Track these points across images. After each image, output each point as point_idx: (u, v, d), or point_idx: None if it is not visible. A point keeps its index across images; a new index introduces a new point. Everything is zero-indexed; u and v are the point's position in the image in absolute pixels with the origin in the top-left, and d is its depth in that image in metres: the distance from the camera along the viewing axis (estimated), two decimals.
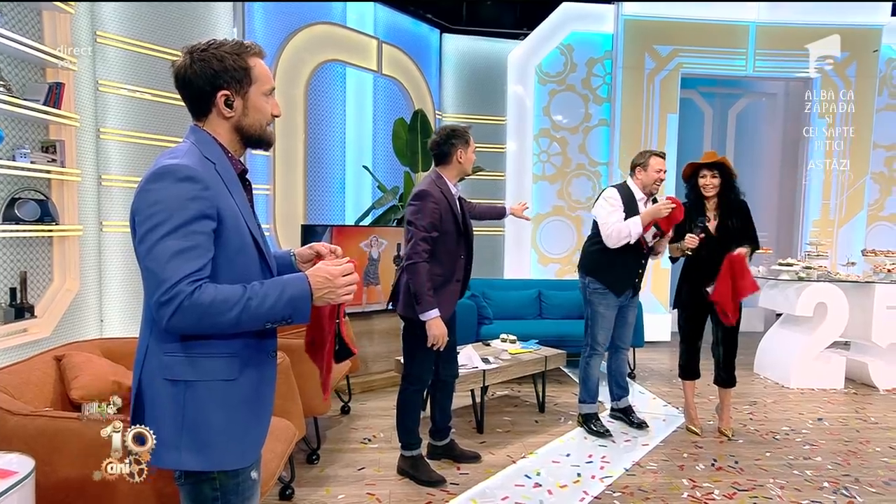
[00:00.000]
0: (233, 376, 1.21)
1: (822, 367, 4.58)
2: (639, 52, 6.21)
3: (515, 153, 6.54)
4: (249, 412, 1.25)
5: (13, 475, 1.32)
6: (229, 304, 1.11)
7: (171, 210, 1.11)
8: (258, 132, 1.28)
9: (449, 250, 2.69)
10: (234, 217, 1.20)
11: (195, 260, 1.11)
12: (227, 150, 1.28)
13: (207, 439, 1.19)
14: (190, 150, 1.22)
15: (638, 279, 3.43)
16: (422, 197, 2.62)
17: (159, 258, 1.10)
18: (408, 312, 2.71)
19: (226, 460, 1.22)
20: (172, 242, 1.10)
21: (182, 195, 1.12)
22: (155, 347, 1.20)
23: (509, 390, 4.37)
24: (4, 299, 3.05)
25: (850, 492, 2.77)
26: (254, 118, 1.27)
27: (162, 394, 1.17)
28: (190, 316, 1.09)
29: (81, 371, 1.92)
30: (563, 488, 2.77)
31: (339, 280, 1.21)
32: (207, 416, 1.18)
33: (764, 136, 7.24)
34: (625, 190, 3.37)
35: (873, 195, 6.57)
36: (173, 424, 1.17)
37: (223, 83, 1.23)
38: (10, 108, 2.89)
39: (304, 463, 2.95)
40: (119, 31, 3.85)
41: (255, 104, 1.26)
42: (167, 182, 1.13)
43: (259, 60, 1.28)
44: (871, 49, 6.22)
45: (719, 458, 3.16)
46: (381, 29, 5.94)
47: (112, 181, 3.86)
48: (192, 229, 1.12)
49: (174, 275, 1.09)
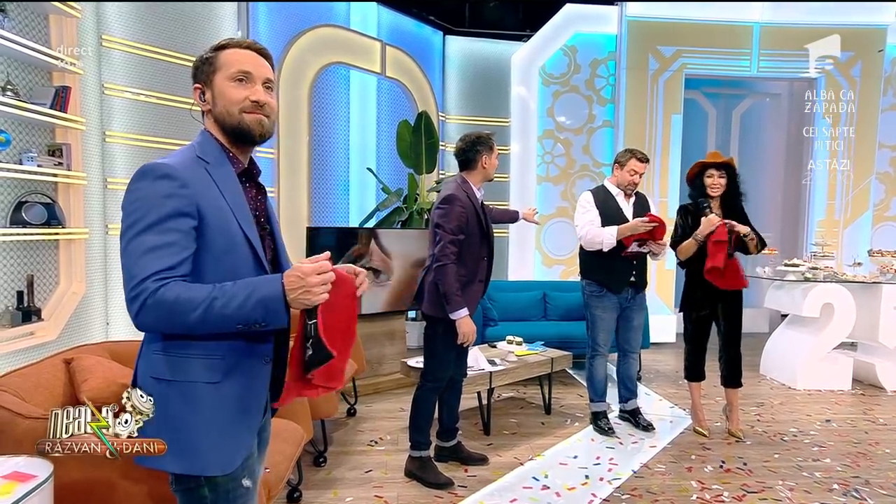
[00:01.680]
0: (215, 379, 1.18)
1: (829, 368, 4.56)
2: (642, 53, 6.20)
3: (519, 155, 6.54)
4: (234, 418, 1.21)
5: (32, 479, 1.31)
6: (194, 304, 1.08)
7: (148, 207, 1.11)
8: (230, 120, 1.24)
9: (473, 252, 2.77)
10: (219, 216, 1.18)
11: (167, 257, 1.10)
12: (227, 150, 1.27)
13: (188, 442, 1.16)
14: (184, 150, 1.23)
15: (635, 277, 3.40)
16: (449, 201, 2.71)
17: (132, 254, 1.10)
18: (433, 311, 2.76)
19: (207, 466, 1.19)
20: (146, 238, 1.10)
21: (158, 192, 1.12)
22: (146, 346, 1.21)
23: (515, 392, 4.36)
24: (11, 302, 3.05)
25: (860, 494, 2.75)
26: (223, 105, 1.24)
27: (149, 392, 1.17)
28: (153, 313, 1.08)
29: (91, 374, 1.92)
30: (572, 490, 2.76)
31: (312, 279, 1.10)
32: (187, 418, 1.16)
33: (768, 137, 7.22)
34: (601, 191, 3.48)
35: (879, 195, 6.54)
36: (156, 423, 1.15)
37: (196, 80, 1.27)
38: (17, 112, 2.90)
39: (311, 465, 2.95)
40: (124, 35, 3.86)
41: (220, 90, 1.24)
42: (146, 181, 1.13)
43: (235, 50, 1.26)
44: (876, 49, 6.20)
45: (727, 459, 3.14)
46: (385, 31, 5.95)
47: (118, 184, 3.87)
48: (168, 226, 1.11)
49: (142, 272, 1.08)
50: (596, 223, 3.36)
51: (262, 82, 1.26)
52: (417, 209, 5.61)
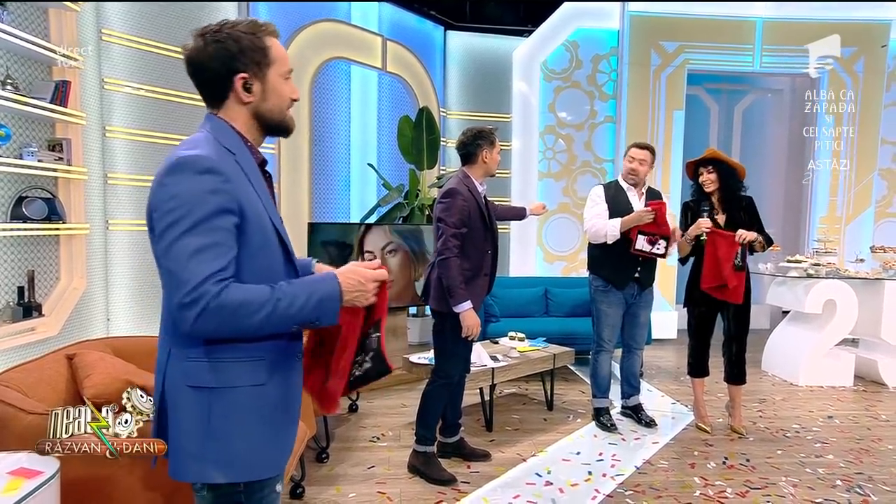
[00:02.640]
0: (261, 381, 1.13)
1: (831, 365, 4.55)
2: (644, 49, 6.18)
3: (521, 150, 6.52)
4: (279, 418, 1.18)
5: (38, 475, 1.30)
6: (257, 305, 1.04)
7: (190, 205, 1.03)
8: (278, 117, 1.20)
9: (477, 246, 2.77)
10: (256, 211, 1.12)
11: (218, 258, 1.03)
12: (245, 139, 1.19)
13: (235, 449, 1.12)
14: (207, 140, 1.13)
15: (639, 274, 3.38)
16: (451, 195, 2.71)
17: (179, 257, 1.02)
18: (440, 306, 2.76)
19: (255, 471, 1.15)
20: (192, 240, 1.02)
21: (201, 188, 1.04)
22: (177, 352, 1.12)
23: (517, 388, 4.36)
24: (12, 298, 3.04)
25: (863, 490, 2.75)
26: (273, 102, 1.19)
27: (186, 402, 1.10)
28: (215, 318, 1.02)
29: (94, 370, 1.91)
30: (575, 486, 2.76)
31: (370, 284, 1.16)
32: (235, 424, 1.11)
33: (770, 133, 7.20)
34: (612, 185, 3.48)
35: (881, 191, 6.52)
36: (198, 434, 1.09)
37: (241, 66, 1.14)
38: (17, 107, 2.88)
39: (313, 461, 2.94)
40: (124, 29, 3.84)
41: (275, 87, 1.18)
42: (185, 174, 1.05)
43: (275, 40, 1.20)
44: (879, 45, 6.18)
45: (730, 456, 3.14)
46: (386, 26, 5.91)
47: (118, 179, 3.85)
48: (214, 225, 1.04)
49: (197, 274, 1.01)
50: (603, 216, 3.34)
51: None
52: (419, 205, 5.59)
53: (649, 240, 3.24)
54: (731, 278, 3.18)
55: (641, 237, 3.24)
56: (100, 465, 1.62)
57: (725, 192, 3.35)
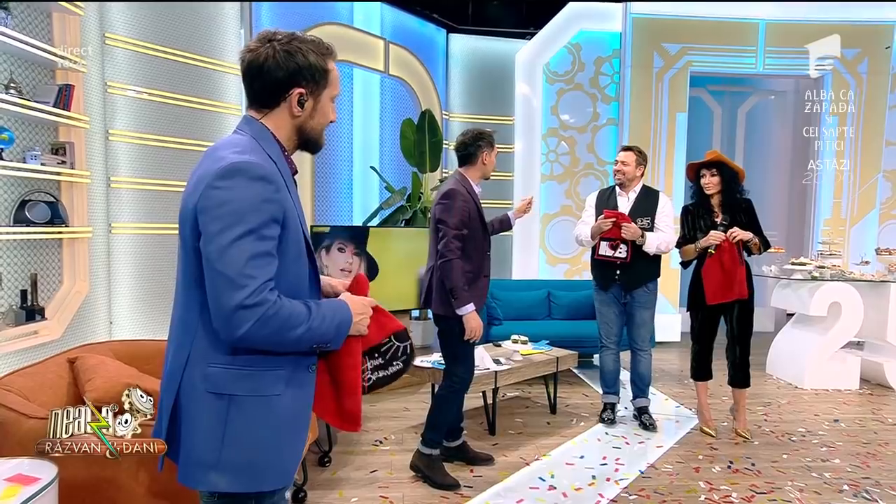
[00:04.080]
0: (277, 391, 1.14)
1: (836, 368, 4.52)
2: (647, 51, 6.17)
3: (523, 153, 6.51)
4: (291, 429, 1.18)
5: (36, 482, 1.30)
6: (299, 321, 1.07)
7: (245, 211, 1.03)
8: (317, 136, 1.25)
9: (478, 247, 2.77)
10: (294, 222, 1.14)
11: (269, 267, 1.04)
12: (283, 148, 1.21)
13: (250, 459, 1.12)
14: (252, 146, 1.13)
15: (619, 276, 3.43)
16: (451, 196, 2.69)
17: (236, 260, 1.01)
18: (443, 310, 2.74)
19: (267, 481, 1.15)
20: (249, 245, 1.02)
21: (256, 196, 1.05)
22: (199, 357, 1.11)
23: (520, 392, 4.34)
24: (15, 301, 3.04)
25: (871, 495, 2.72)
26: (318, 121, 1.22)
27: (203, 408, 1.10)
28: (269, 326, 1.03)
29: (95, 373, 1.91)
30: (579, 491, 2.74)
31: (369, 310, 1.23)
32: (251, 433, 1.11)
33: (774, 135, 7.18)
34: (607, 189, 3.63)
35: (885, 193, 6.49)
36: (213, 442, 1.09)
37: (302, 80, 1.17)
38: (21, 110, 2.88)
39: (316, 465, 2.93)
40: (127, 33, 3.85)
41: (324, 107, 1.22)
42: (240, 180, 1.05)
43: (334, 65, 1.23)
44: (884, 46, 6.16)
45: (735, 459, 3.12)
46: (388, 29, 5.92)
47: (121, 183, 3.85)
48: (265, 234, 1.05)
49: (257, 279, 1.02)
50: (588, 223, 3.50)
51: None
52: (421, 208, 5.59)
53: (611, 245, 3.39)
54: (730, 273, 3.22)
55: (604, 243, 3.41)
56: (101, 467, 1.61)
57: (726, 195, 3.35)
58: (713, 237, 3.24)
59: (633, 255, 3.36)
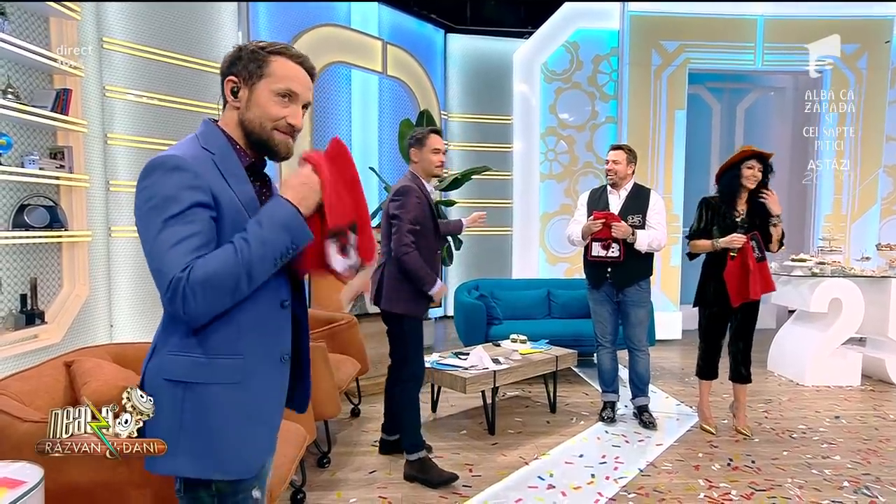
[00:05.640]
0: (236, 379, 1.16)
1: (837, 364, 4.51)
2: (645, 49, 6.16)
3: (522, 152, 6.51)
4: (254, 419, 1.19)
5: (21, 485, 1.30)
6: (229, 265, 1.07)
7: (165, 202, 1.07)
8: (258, 131, 1.20)
9: (429, 245, 2.82)
10: (232, 210, 1.15)
11: (195, 250, 1.07)
12: (234, 142, 1.22)
13: (207, 445, 1.14)
14: (187, 142, 1.18)
15: (610, 274, 3.42)
16: (404, 193, 2.75)
17: (160, 254, 1.06)
18: (393, 307, 2.77)
19: (225, 469, 1.16)
20: (167, 235, 1.06)
21: (173, 185, 1.08)
22: (161, 346, 1.16)
23: (520, 391, 4.34)
24: (15, 305, 3.06)
25: (871, 491, 2.71)
26: (255, 113, 1.20)
27: (161, 395, 1.13)
28: (198, 296, 1.05)
29: (91, 377, 1.91)
30: (578, 490, 2.74)
31: (312, 178, 1.17)
32: (207, 420, 1.13)
33: (773, 131, 7.16)
34: (599, 188, 3.61)
35: (886, 189, 6.47)
36: (170, 428, 1.12)
37: (234, 70, 1.20)
38: (19, 115, 2.90)
39: (314, 466, 2.93)
40: (125, 37, 3.86)
41: (259, 99, 1.19)
42: (157, 175, 1.09)
43: (287, 62, 1.21)
44: (883, 41, 6.13)
45: (735, 457, 3.11)
46: (386, 30, 5.93)
47: (120, 186, 3.87)
48: (188, 218, 1.08)
49: (173, 267, 1.05)
50: (580, 223, 3.51)
51: (303, 105, 1.24)
52: None
53: (603, 245, 3.40)
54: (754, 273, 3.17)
55: (596, 244, 3.42)
56: (94, 469, 1.62)
57: (754, 193, 3.29)
58: (736, 240, 3.16)
59: (624, 254, 3.36)
